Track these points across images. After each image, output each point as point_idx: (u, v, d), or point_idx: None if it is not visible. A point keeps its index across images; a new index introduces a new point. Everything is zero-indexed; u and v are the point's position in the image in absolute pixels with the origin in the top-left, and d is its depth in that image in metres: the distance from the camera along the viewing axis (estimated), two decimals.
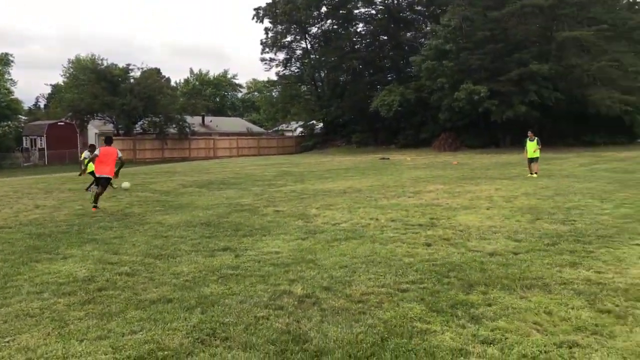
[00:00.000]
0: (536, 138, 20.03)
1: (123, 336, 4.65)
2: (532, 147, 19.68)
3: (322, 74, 59.47)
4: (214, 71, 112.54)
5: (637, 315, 4.86)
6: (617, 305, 5.14)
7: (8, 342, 4.58)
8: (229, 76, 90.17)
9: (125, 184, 16.16)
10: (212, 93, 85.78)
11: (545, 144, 42.15)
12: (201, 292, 5.89)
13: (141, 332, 4.73)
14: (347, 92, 54.84)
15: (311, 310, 5.25)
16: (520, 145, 23.32)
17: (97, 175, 13.60)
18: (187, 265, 7.17)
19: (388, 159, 35.30)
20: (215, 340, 4.53)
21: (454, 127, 44.30)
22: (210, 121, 66.66)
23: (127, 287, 6.19)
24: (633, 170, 21.83)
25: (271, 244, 8.42)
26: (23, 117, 64.82)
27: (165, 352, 4.25)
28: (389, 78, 54.51)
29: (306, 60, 58.67)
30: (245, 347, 4.33)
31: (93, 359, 4.18)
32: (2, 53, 56.72)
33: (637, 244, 7.87)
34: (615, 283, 5.89)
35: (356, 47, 55.85)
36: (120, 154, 13.27)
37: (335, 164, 31.81)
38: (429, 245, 8.13)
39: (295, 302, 5.48)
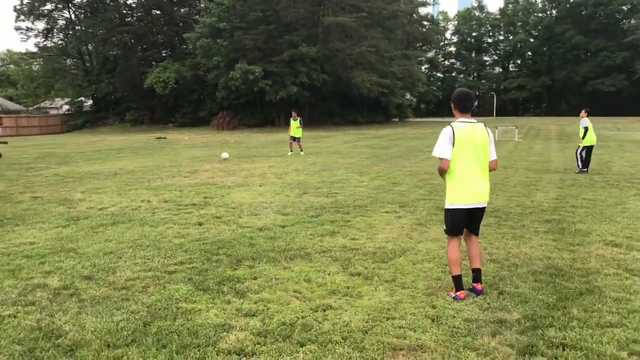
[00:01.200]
0: (299, 118, 20.94)
1: None
2: (294, 125, 20.54)
3: (90, 47, 55.14)
4: None
5: (381, 274, 5.46)
6: (365, 268, 5.71)
7: None
8: None
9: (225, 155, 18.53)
10: None
11: (315, 123, 45.07)
12: None
13: None
14: (119, 67, 51.67)
15: (68, 302, 4.86)
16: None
17: None
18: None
19: (165, 138, 34.31)
20: None
21: (231, 106, 44.78)
22: None
23: None
24: (387, 146, 24.46)
25: (25, 235, 7.60)
26: None
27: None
28: (164, 54, 52.77)
29: (71, 32, 53.78)
30: None
31: None
32: None
33: (386, 211, 8.84)
34: (366, 248, 6.54)
35: (127, 20, 52.83)
36: None
37: (106, 144, 29.92)
38: (200, 224, 8.10)
39: (50, 296, 5.03)
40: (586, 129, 13.89)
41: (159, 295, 4.97)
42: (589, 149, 14.05)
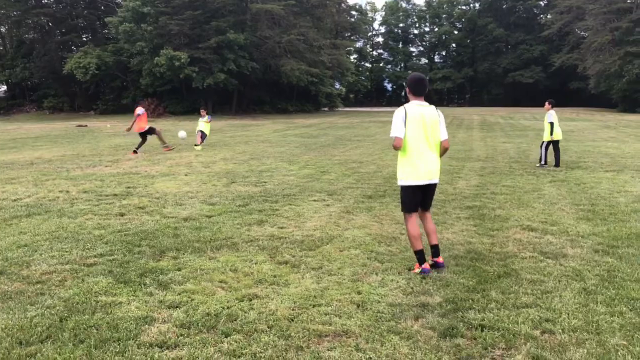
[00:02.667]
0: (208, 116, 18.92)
1: None
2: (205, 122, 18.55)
3: (3, 30, 51.94)
4: None
5: (308, 262, 5.47)
6: (293, 256, 5.70)
7: None
8: None
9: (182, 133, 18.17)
10: None
11: (244, 111, 44.65)
12: None
13: None
14: (35, 51, 48.97)
15: None
16: (220, 112, 23.92)
17: None
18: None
19: (86, 126, 32.94)
20: None
21: (156, 93, 43.53)
22: None
23: None
24: (317, 135, 24.57)
25: None
26: None
27: None
28: (85, 39, 50.49)
29: None
30: None
31: None
32: None
33: (314, 200, 8.87)
34: (293, 236, 6.53)
35: (43, 1, 50.08)
36: None
37: (22, 132, 28.35)
38: (122, 215, 7.83)
39: None
40: (552, 124, 12.91)
41: (77, 289, 4.76)
42: (555, 143, 13.07)
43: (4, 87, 53.49)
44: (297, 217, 7.64)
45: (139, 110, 16.44)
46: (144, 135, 16.49)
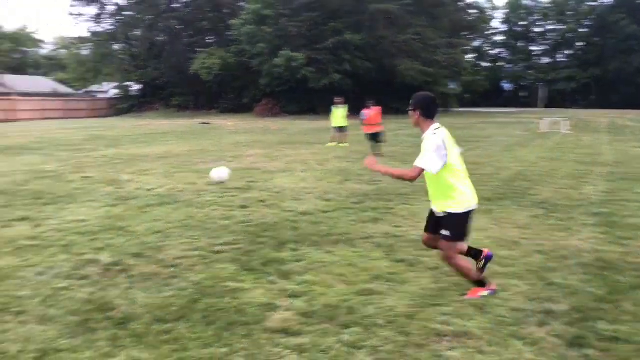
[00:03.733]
0: (346, 105, 18.98)
1: None
2: (340, 114, 18.77)
3: (138, 33, 56.15)
4: (12, 24, 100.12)
5: (426, 262, 5.44)
6: (409, 255, 5.69)
7: None
8: (28, 30, 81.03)
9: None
10: (11, 49, 76.48)
11: (358, 111, 44.95)
12: None
13: None
14: (165, 53, 52.50)
15: (119, 277, 5.02)
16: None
17: None
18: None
19: (209, 123, 34.78)
20: (7, 315, 4.14)
21: (274, 93, 44.97)
22: (9, 80, 59.46)
23: None
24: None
25: (77, 212, 7.85)
26: None
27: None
28: (209, 41, 53.30)
29: (120, 17, 54.86)
30: (42, 321, 4.02)
31: None
32: None
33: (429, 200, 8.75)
34: (409, 235, 6.51)
35: (173, 6, 53.50)
36: None
37: (152, 128, 30.53)
38: (245, 207, 8.21)
39: (101, 271, 5.20)
40: None
41: (206, 274, 5.08)
42: None
43: (138, 86, 57.74)
44: (412, 216, 7.60)
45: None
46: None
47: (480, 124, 32.28)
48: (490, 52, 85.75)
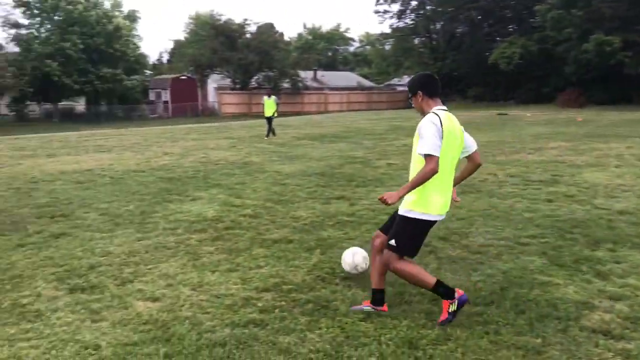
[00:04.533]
0: None
1: (250, 270, 4.99)
2: None
3: (438, 26, 57.47)
4: (327, 25, 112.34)
5: None
6: None
7: (150, 269, 5.08)
8: (341, 30, 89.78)
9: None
10: (325, 47, 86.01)
11: None
12: (319, 235, 6.13)
13: (266, 267, 5.04)
14: (463, 44, 52.71)
15: (427, 258, 5.30)
16: None
17: None
18: (305, 210, 7.45)
19: (506, 114, 33.81)
20: (335, 278, 4.74)
21: (580, 82, 41.34)
22: (322, 76, 67.06)
23: (251, 227, 6.57)
24: None
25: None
26: (148, 72, 68.83)
27: (289, 286, 4.52)
28: (510, 29, 51.58)
29: (421, 12, 56.88)
30: (364, 287, 4.49)
31: (225, 287, 4.54)
32: (130, 10, 60.34)
33: None
34: None
35: None
36: None
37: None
38: (550, 201, 7.81)
39: None
40: None
41: (512, 264, 5.02)
42: None
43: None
44: None
45: None
46: None
47: None
48: None
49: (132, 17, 57.68)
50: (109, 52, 48.49)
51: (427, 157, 3.59)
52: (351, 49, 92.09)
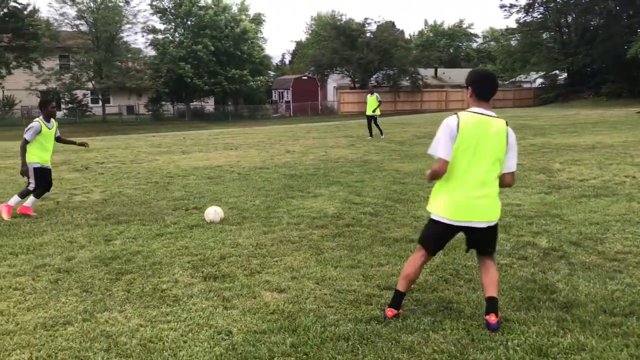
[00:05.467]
0: None
1: (371, 267, 5.03)
2: None
3: (569, 19, 54.05)
4: (449, 21, 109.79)
5: None
6: None
7: (276, 261, 5.29)
8: (464, 26, 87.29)
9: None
10: (446, 44, 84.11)
11: None
12: None
13: (387, 266, 5.06)
14: (598, 37, 49.05)
15: (558, 263, 5.04)
16: None
17: None
18: (426, 210, 7.34)
19: None
20: (459, 280, 4.65)
21: None
22: (443, 73, 65.69)
23: (371, 225, 6.62)
24: None
25: (511, 196, 8.17)
26: (272, 73, 71.35)
27: (412, 286, 4.49)
28: None
29: (551, 4, 53.79)
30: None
31: (347, 283, 4.62)
32: (256, 13, 62.80)
33: None
34: None
35: None
36: None
37: (580, 117, 29.08)
38: None
39: (540, 254, 5.31)
40: None
41: None
42: None
43: (564, 75, 55.81)
44: None
45: None
46: None
47: None
48: None
49: (257, 20, 60.02)
50: (237, 54, 50.80)
51: (437, 157, 3.68)
52: (474, 45, 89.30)
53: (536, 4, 54.78)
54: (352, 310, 4.05)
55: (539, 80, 60.01)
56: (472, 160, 3.63)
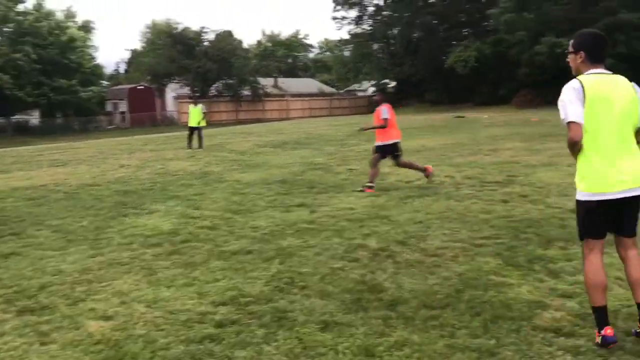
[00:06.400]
0: None
1: (207, 284, 4.92)
2: None
3: (395, 31, 58.18)
4: (286, 32, 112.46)
5: None
6: None
7: (104, 286, 4.96)
8: (300, 36, 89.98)
9: None
10: (284, 54, 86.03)
11: None
12: (279, 245, 6.10)
13: (224, 280, 4.98)
14: (420, 49, 53.43)
15: (385, 262, 5.33)
16: None
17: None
18: (265, 220, 7.40)
19: (463, 117, 34.42)
20: (294, 288, 4.71)
21: (534, 83, 42.41)
22: (283, 82, 67.05)
23: (209, 239, 6.49)
24: None
25: (345, 201, 8.53)
26: (105, 82, 67.49)
27: (247, 299, 4.47)
28: (465, 33, 52.59)
29: (378, 17, 57.51)
30: (322, 295, 4.48)
31: (180, 303, 4.46)
32: (85, 20, 59.11)
33: None
34: None
35: (430, 1, 54.06)
36: None
37: (408, 122, 31.35)
38: (505, 202, 7.97)
39: (370, 255, 5.58)
40: None
41: (468, 266, 5.09)
42: None
43: (394, 83, 59.87)
44: None
45: None
46: None
47: None
48: None
49: (86, 27, 56.53)
50: (64, 63, 47.36)
51: (568, 124, 3.34)
52: (311, 55, 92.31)
53: (365, 16, 58.19)
54: (185, 331, 3.91)
55: (372, 89, 63.74)
56: (613, 122, 3.32)
